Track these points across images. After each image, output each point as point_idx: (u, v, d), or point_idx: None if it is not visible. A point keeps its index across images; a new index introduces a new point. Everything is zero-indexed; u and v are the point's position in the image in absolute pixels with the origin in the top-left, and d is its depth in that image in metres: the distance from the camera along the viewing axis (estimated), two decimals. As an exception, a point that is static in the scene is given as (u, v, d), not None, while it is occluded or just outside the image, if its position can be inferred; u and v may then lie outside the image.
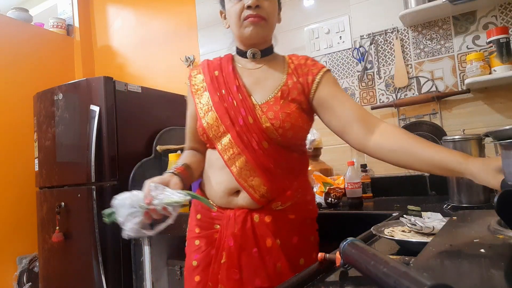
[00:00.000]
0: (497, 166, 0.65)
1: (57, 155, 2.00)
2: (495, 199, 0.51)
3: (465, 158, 0.72)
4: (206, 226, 0.97)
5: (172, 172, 0.90)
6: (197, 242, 0.97)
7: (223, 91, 0.94)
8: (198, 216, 0.99)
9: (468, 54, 1.53)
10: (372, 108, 1.76)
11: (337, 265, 0.57)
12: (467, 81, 1.47)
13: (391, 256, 0.59)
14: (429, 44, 1.68)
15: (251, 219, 0.89)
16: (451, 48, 1.63)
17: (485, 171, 0.67)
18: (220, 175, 0.94)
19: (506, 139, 0.58)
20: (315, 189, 1.55)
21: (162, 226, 0.82)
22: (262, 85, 0.95)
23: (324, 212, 1.39)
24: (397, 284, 0.37)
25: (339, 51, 1.90)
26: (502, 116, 1.52)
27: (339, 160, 1.83)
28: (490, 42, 1.45)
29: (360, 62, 1.83)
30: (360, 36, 1.84)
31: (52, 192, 2.02)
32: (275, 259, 0.87)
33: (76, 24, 2.99)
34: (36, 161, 2.15)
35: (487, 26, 1.55)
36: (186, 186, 0.91)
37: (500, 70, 1.42)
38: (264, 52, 0.99)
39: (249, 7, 0.89)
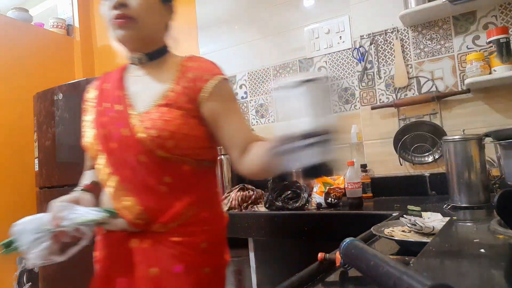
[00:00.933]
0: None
1: (57, 155, 2.00)
2: (495, 199, 0.51)
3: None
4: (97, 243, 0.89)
5: (82, 190, 0.84)
6: (96, 253, 0.91)
7: (107, 104, 0.86)
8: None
9: (468, 54, 1.53)
10: (372, 108, 1.76)
11: (337, 265, 0.57)
12: (467, 81, 1.47)
13: (391, 256, 0.59)
14: (429, 44, 1.68)
15: (127, 244, 0.80)
16: (451, 48, 1.63)
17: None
18: (103, 193, 0.86)
19: (506, 139, 0.58)
20: (315, 189, 1.54)
21: (75, 249, 0.74)
22: (147, 93, 0.85)
23: (324, 212, 1.39)
24: (397, 284, 0.37)
25: (339, 51, 1.90)
26: (502, 116, 1.52)
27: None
28: (490, 42, 1.45)
29: (360, 62, 1.83)
30: (360, 36, 1.84)
31: (52, 192, 2.01)
32: None
33: (76, 24, 2.98)
34: (36, 161, 2.15)
35: (487, 26, 1.55)
36: (98, 204, 0.84)
37: (500, 70, 1.42)
38: (150, 56, 0.90)
39: (114, 7, 0.81)
